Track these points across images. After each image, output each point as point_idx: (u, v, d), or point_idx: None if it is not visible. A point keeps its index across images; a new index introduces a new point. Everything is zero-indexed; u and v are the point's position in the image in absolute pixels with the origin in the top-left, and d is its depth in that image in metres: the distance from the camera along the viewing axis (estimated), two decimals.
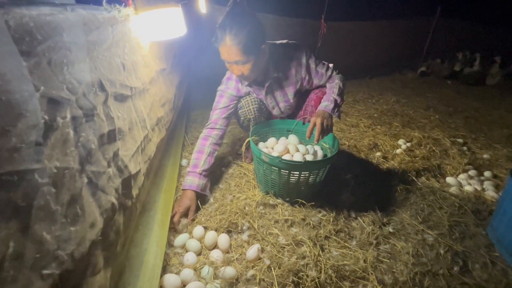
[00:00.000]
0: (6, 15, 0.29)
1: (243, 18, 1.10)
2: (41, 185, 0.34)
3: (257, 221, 1.14)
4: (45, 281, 0.34)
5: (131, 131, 0.68)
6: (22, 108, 0.31)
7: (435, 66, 4.26)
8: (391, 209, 1.31)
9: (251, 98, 1.38)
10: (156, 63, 1.11)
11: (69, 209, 0.40)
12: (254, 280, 0.91)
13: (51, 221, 0.36)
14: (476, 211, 1.30)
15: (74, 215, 0.41)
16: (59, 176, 0.38)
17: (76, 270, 0.40)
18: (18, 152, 0.30)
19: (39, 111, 0.34)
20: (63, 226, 0.38)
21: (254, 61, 1.16)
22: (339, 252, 1.03)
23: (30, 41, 0.34)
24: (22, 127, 0.31)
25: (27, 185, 0.32)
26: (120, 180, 0.58)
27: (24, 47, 0.33)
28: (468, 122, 2.58)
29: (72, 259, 0.39)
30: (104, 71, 0.58)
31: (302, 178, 1.16)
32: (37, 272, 0.33)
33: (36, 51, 0.35)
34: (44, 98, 0.35)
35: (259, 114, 1.41)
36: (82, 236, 0.42)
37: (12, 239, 0.29)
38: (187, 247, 1.03)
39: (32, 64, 0.34)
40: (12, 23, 0.30)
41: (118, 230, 0.59)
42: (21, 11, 0.32)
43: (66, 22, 0.43)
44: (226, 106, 1.37)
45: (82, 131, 0.45)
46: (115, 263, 0.59)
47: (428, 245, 1.10)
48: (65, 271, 0.38)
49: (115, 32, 0.73)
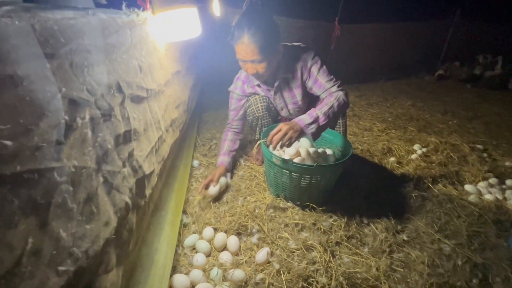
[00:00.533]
0: (32, 18, 0.31)
1: (261, 18, 1.11)
2: (60, 183, 0.35)
3: (267, 224, 1.13)
4: (61, 278, 0.34)
5: (146, 132, 0.69)
6: (44, 108, 0.33)
7: (454, 69, 4.12)
8: (405, 216, 1.27)
9: (259, 96, 1.41)
10: (171, 66, 1.13)
11: (85, 207, 0.41)
12: (263, 284, 0.91)
13: (67, 219, 0.37)
14: (497, 221, 1.24)
15: (90, 213, 0.42)
16: (76, 175, 0.39)
17: (90, 268, 0.41)
18: (40, 151, 0.31)
19: (61, 111, 0.35)
20: (79, 224, 0.39)
21: (269, 60, 1.17)
22: (350, 259, 1.00)
23: (54, 44, 0.35)
24: (44, 127, 0.32)
25: (47, 183, 0.33)
26: (134, 180, 0.59)
27: (48, 49, 0.34)
28: (488, 127, 2.48)
29: (87, 257, 0.40)
30: (121, 73, 0.59)
31: (314, 182, 1.14)
32: (53, 269, 0.33)
33: (59, 54, 0.36)
34: (65, 99, 0.37)
35: (267, 112, 1.42)
36: (96, 234, 0.43)
37: (31, 235, 0.30)
38: (196, 248, 1.04)
39: (55, 66, 0.35)
40: (38, 27, 0.32)
41: (131, 229, 0.60)
42: (46, 15, 0.34)
43: (88, 26, 0.44)
44: (236, 108, 1.47)
45: (99, 131, 0.46)
46: (127, 262, 0.60)
47: (445, 255, 1.05)
48: (79, 268, 0.38)
49: (133, 35, 0.75)
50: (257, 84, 1.39)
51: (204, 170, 1.53)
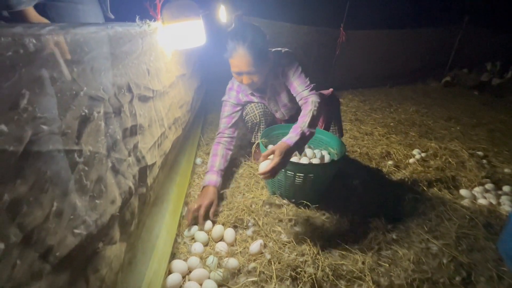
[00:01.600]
0: (66, 34, 0.40)
1: (252, 30, 1.19)
2: (78, 163, 0.43)
3: (262, 218, 1.20)
4: (75, 238, 0.43)
5: (150, 127, 0.78)
6: (70, 103, 0.42)
7: (461, 76, 4.10)
8: (397, 217, 1.31)
9: (255, 104, 1.48)
10: (177, 69, 1.23)
11: (96, 185, 0.49)
12: (254, 272, 0.97)
13: (82, 193, 0.45)
14: (487, 224, 1.27)
15: (99, 191, 0.50)
16: (91, 158, 0.47)
17: (98, 236, 0.50)
18: (65, 136, 0.40)
19: (82, 106, 0.44)
20: (91, 198, 0.48)
21: (263, 69, 1.24)
22: (338, 253, 1.06)
23: (80, 52, 0.44)
24: (69, 117, 0.41)
25: (68, 162, 0.41)
26: (137, 168, 0.68)
27: (76, 57, 0.43)
28: (492, 135, 2.47)
29: (96, 226, 0.49)
30: (132, 76, 0.69)
31: (308, 180, 1.21)
32: (70, 230, 0.42)
33: (83, 60, 0.45)
34: (86, 96, 0.46)
35: (263, 118, 1.49)
36: (104, 209, 0.52)
37: (56, 200, 0.38)
38: (195, 238, 1.12)
39: (80, 70, 0.44)
40: (69, 39, 0.41)
41: (133, 212, 0.69)
42: (75, 31, 0.43)
43: (106, 38, 0.54)
44: (229, 115, 1.49)
45: (110, 124, 0.55)
46: (129, 242, 0.69)
47: (432, 254, 1.10)
48: (90, 234, 0.47)
49: (144, 43, 0.84)
50: (250, 92, 1.45)
51: (206, 168, 1.62)
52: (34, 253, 0.34)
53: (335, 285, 0.93)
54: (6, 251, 0.30)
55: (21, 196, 0.32)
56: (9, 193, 0.30)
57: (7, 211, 0.31)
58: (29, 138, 0.33)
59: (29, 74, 0.33)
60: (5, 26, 0.30)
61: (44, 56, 0.35)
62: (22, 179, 0.32)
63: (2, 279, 0.30)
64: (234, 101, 1.49)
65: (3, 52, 0.29)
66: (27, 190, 0.33)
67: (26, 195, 0.33)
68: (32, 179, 0.34)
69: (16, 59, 0.31)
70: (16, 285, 0.32)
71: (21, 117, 0.32)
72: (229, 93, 1.50)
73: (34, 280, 0.34)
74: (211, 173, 1.34)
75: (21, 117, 0.32)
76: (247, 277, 0.96)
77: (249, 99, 1.49)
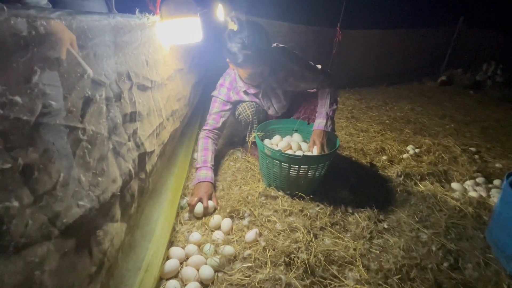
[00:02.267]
0: (72, 20, 0.43)
1: (256, 28, 1.23)
2: (82, 140, 0.47)
3: (258, 209, 1.24)
4: (80, 209, 0.46)
5: (149, 116, 0.82)
6: (75, 84, 0.45)
7: (457, 75, 4.16)
8: (389, 208, 1.35)
9: (247, 104, 1.49)
10: (174, 63, 1.26)
11: (98, 164, 0.53)
12: (250, 258, 1.01)
13: (86, 169, 0.49)
14: (476, 215, 1.31)
15: (101, 170, 0.54)
16: (93, 138, 0.51)
17: (101, 211, 0.53)
18: (71, 113, 0.44)
19: (86, 88, 0.48)
20: (94, 175, 0.51)
21: (262, 66, 1.29)
22: (331, 241, 1.10)
23: (84, 38, 0.48)
24: (74, 97, 0.45)
25: (74, 138, 0.45)
26: (137, 153, 0.71)
27: (80, 42, 0.47)
28: (485, 132, 2.52)
29: (98, 201, 0.52)
30: (131, 65, 0.72)
31: (302, 172, 1.25)
32: (75, 201, 0.46)
33: (87, 45, 0.49)
34: (89, 80, 0.49)
35: (256, 117, 1.51)
36: (106, 187, 0.55)
37: (62, 171, 0.42)
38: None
39: (84, 54, 0.48)
40: (75, 25, 0.44)
41: (133, 195, 0.72)
42: (80, 17, 0.46)
43: (108, 26, 0.57)
44: (219, 112, 1.49)
45: (111, 108, 0.58)
46: (129, 224, 0.72)
47: (421, 242, 1.13)
48: (93, 208, 0.50)
49: (143, 35, 0.88)
50: (243, 90, 1.47)
51: None
52: (43, 216, 0.38)
53: (327, 270, 0.97)
54: (19, 210, 0.34)
55: (32, 163, 0.36)
56: (23, 158, 0.34)
57: (21, 174, 0.34)
58: (40, 111, 0.37)
59: (40, 54, 0.37)
60: (21, 8, 0.33)
61: (53, 39, 0.39)
62: (34, 147, 0.36)
63: (16, 234, 0.33)
64: (224, 98, 1.49)
65: (19, 32, 0.33)
66: (37, 158, 0.36)
67: (37, 162, 0.36)
68: (42, 148, 0.37)
69: (30, 39, 0.35)
70: (29, 242, 0.35)
71: (33, 92, 0.36)
72: (220, 89, 1.50)
73: (44, 241, 0.38)
74: (206, 169, 1.34)
75: (33, 91, 0.36)
76: (243, 263, 1.00)
77: (240, 97, 1.50)
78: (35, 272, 0.36)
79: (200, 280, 0.93)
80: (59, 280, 0.41)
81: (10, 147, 0.32)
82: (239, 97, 1.50)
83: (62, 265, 0.41)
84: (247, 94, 1.49)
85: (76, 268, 0.45)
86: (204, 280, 0.93)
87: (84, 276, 0.48)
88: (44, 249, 0.38)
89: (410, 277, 0.97)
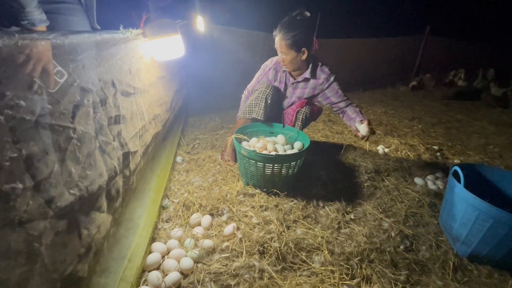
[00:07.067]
0: (65, 39, 0.53)
1: (295, 24, 1.53)
2: (72, 138, 0.55)
3: (236, 206, 1.33)
4: (71, 196, 0.55)
5: (132, 119, 0.90)
6: (67, 90, 0.54)
7: (426, 80, 4.48)
8: (357, 201, 1.49)
9: (271, 85, 1.74)
10: (156, 71, 1.36)
11: (87, 159, 0.61)
12: (227, 250, 1.10)
13: (76, 163, 0.57)
14: (433, 204, 1.47)
15: (89, 164, 0.62)
16: (82, 136, 0.60)
17: (89, 200, 0.62)
18: (63, 115, 0.52)
19: (76, 94, 0.57)
20: (83, 168, 0.60)
21: (293, 56, 1.58)
22: (301, 231, 1.21)
23: (74, 53, 0.57)
24: (66, 100, 0.54)
25: (65, 135, 0.53)
26: (121, 152, 0.80)
27: (71, 56, 0.56)
28: (448, 132, 2.76)
29: (87, 191, 0.60)
30: (116, 74, 0.81)
31: (276, 170, 1.36)
32: (67, 189, 0.54)
33: (77, 59, 0.58)
34: (78, 87, 0.58)
35: (270, 97, 1.69)
36: (93, 179, 0.63)
37: (56, 163, 0.50)
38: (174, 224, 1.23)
39: (74, 66, 0.57)
40: (66, 43, 0.54)
41: (118, 190, 0.80)
42: (72, 36, 0.56)
43: (95, 42, 0.67)
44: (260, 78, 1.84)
45: (98, 112, 0.67)
46: (115, 216, 0.80)
47: (382, 229, 1.27)
48: (82, 196, 0.59)
49: (127, 47, 0.97)
50: (279, 78, 1.77)
51: (186, 165, 1.73)
52: (41, 199, 0.46)
53: (297, 256, 1.07)
54: (23, 191, 0.42)
55: (33, 154, 0.44)
56: (26, 149, 0.42)
57: (24, 162, 0.43)
58: (39, 112, 0.45)
59: (39, 67, 0.46)
60: (26, 32, 0.42)
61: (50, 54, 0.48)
62: (34, 141, 0.44)
63: (20, 210, 0.42)
64: (271, 76, 1.80)
65: (23, 50, 0.42)
66: (37, 150, 0.45)
67: (36, 154, 0.45)
68: (40, 142, 0.46)
69: (31, 55, 0.44)
70: (30, 218, 0.43)
71: (33, 97, 0.45)
72: (269, 70, 1.80)
73: (42, 219, 0.46)
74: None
75: (33, 97, 0.45)
76: (221, 254, 1.08)
77: (275, 78, 1.79)
78: (35, 244, 0.45)
79: (181, 270, 1.01)
80: (53, 253, 0.49)
81: (17, 140, 0.41)
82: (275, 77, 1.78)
83: (56, 242, 0.50)
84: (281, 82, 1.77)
85: (68, 246, 0.54)
86: (184, 270, 1.00)
87: (74, 255, 0.56)
88: (42, 226, 0.46)
89: (370, 259, 1.09)
